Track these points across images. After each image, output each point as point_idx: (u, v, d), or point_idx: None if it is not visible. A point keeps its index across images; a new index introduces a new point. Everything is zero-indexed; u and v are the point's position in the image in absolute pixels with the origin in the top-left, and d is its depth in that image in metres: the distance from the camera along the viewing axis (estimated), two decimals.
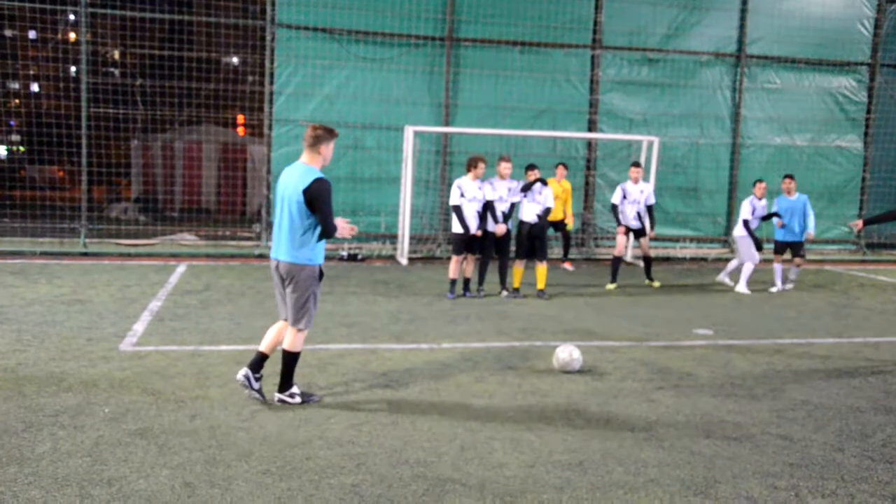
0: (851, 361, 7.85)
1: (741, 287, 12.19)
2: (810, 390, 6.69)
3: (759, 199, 12.25)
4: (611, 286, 11.94)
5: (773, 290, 12.34)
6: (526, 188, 10.71)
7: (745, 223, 12.15)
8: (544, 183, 10.87)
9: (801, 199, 12.19)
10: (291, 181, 5.65)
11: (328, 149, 5.77)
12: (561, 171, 13.74)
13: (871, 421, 5.91)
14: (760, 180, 12.46)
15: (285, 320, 5.90)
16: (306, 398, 5.87)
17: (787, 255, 12.50)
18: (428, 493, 4.36)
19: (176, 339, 7.74)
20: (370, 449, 4.98)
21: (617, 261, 12.14)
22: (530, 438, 5.28)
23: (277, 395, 5.84)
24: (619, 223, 12.25)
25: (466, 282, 10.91)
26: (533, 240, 10.84)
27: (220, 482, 4.39)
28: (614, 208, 12.20)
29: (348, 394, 6.15)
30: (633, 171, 12.10)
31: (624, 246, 12.46)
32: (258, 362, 5.87)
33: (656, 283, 12.28)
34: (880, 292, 12.69)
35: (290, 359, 5.85)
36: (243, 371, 5.85)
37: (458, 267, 10.75)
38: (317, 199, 5.53)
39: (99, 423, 5.24)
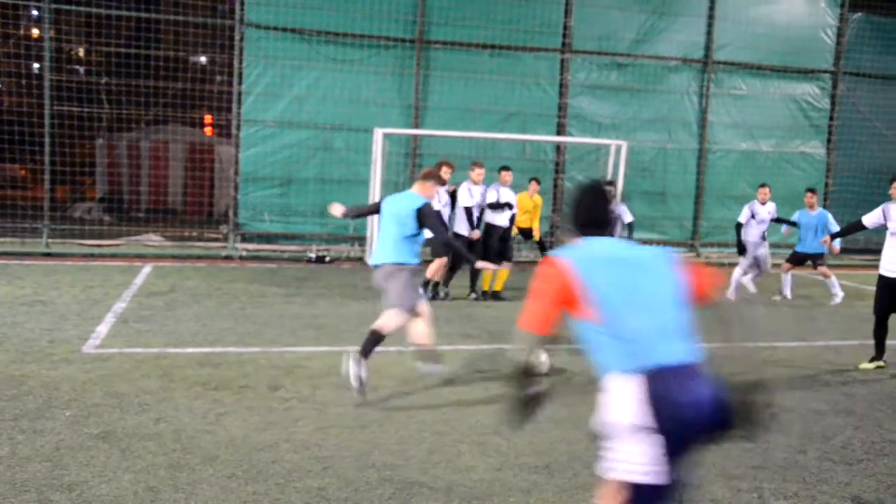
0: (813, 364, 7.97)
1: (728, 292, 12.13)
2: (773, 392, 6.77)
3: (762, 203, 12.06)
4: None
5: (777, 298, 12.22)
6: (494, 207, 10.87)
7: (737, 225, 12.09)
8: (510, 207, 11.10)
9: (822, 214, 11.95)
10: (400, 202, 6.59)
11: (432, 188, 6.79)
12: (534, 186, 13.51)
13: (832, 423, 6.01)
14: (763, 185, 12.33)
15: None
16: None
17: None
18: (395, 496, 4.35)
19: (140, 341, 7.64)
20: (337, 452, 4.95)
21: None
22: (497, 442, 5.29)
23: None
24: None
25: (436, 285, 10.88)
26: (503, 242, 10.92)
27: (184, 486, 4.34)
28: None
29: (315, 397, 6.11)
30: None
31: None
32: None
33: None
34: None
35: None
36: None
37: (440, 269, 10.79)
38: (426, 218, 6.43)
39: (60, 427, 5.15)
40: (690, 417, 2.78)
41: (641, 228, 16.77)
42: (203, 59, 22.16)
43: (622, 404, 2.79)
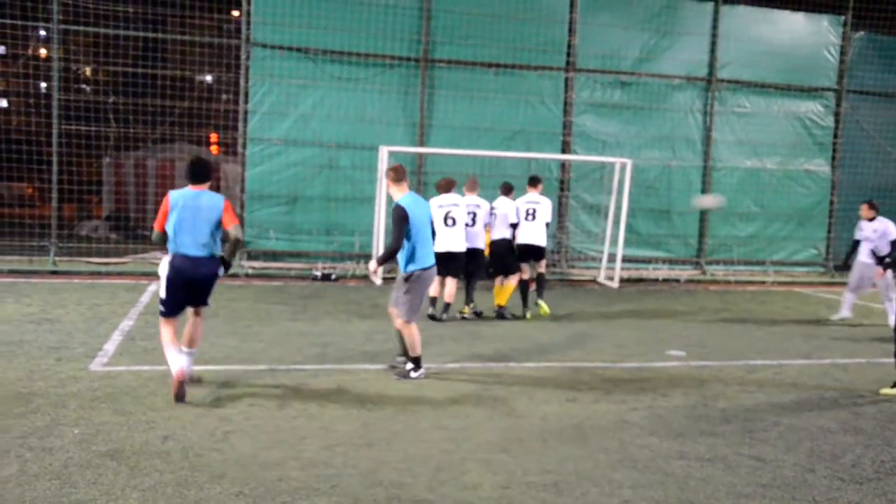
0: (821, 382, 7.94)
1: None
2: (781, 411, 6.76)
3: (868, 220, 11.37)
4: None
5: None
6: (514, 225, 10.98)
7: (855, 243, 11.56)
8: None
9: None
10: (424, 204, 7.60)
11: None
12: None
13: (841, 441, 5.99)
14: (865, 202, 11.68)
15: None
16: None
17: None
18: None
19: (147, 359, 7.65)
20: (344, 470, 4.94)
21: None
22: (505, 459, 5.28)
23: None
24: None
25: (447, 306, 10.77)
26: (510, 255, 10.96)
27: None
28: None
29: (322, 414, 6.11)
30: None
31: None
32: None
33: (542, 310, 11.14)
34: None
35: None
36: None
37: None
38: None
39: (68, 445, 5.15)
40: (185, 271, 6.37)
41: (646, 246, 16.85)
42: (209, 78, 22.32)
43: (165, 264, 6.41)
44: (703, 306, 13.14)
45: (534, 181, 11.39)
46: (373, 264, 7.74)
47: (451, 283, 10.58)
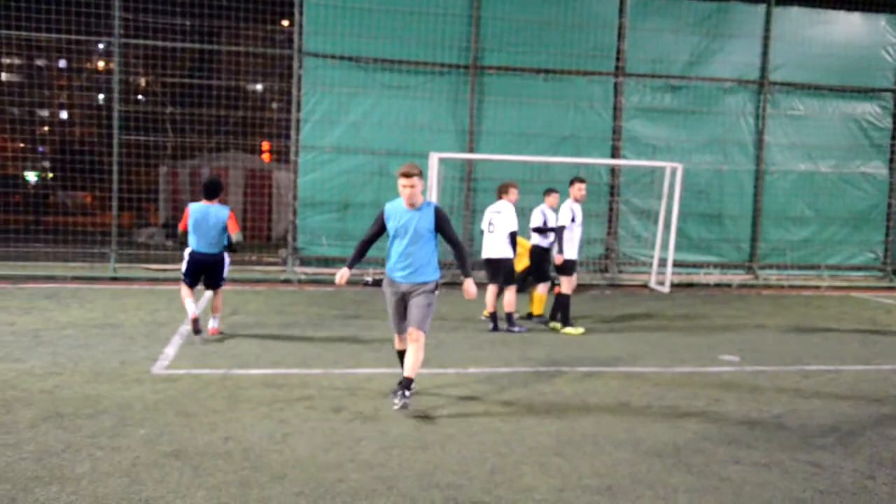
0: (881, 388, 7.80)
1: None
2: (839, 417, 6.67)
3: None
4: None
5: None
6: (540, 231, 10.76)
7: None
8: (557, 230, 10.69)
9: None
10: None
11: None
12: None
13: None
14: None
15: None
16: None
17: None
18: None
19: (206, 363, 7.86)
20: (401, 472, 5.04)
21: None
22: (559, 462, 5.32)
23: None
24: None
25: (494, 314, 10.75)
26: (545, 264, 10.91)
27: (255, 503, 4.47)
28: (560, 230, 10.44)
29: (377, 417, 6.22)
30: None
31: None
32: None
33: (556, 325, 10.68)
34: None
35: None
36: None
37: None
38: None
39: (135, 445, 5.35)
40: (199, 261, 9.14)
41: (698, 250, 16.68)
42: (261, 87, 22.74)
43: (187, 254, 9.16)
44: (757, 311, 12.97)
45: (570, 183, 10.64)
46: (473, 286, 6.63)
47: (492, 290, 10.56)
